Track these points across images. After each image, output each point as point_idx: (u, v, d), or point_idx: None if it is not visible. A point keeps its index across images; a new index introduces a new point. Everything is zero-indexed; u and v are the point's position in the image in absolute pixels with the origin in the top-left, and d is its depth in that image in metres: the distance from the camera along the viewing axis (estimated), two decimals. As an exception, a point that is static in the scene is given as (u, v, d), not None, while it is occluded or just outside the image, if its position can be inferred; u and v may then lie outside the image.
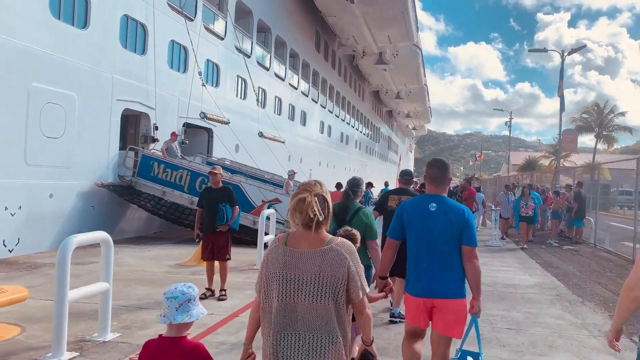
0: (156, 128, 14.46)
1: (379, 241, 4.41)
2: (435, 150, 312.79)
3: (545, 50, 22.55)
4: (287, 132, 24.83)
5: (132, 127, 14.99)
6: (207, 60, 17.55)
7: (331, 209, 2.39)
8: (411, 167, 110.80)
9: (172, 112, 15.45)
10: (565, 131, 26.40)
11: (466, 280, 3.39)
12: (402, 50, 34.81)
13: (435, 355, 3.43)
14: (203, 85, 15.23)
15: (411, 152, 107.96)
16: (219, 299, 6.57)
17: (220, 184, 6.93)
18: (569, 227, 16.14)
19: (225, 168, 15.91)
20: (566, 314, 6.43)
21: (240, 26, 20.08)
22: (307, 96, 29.14)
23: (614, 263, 11.20)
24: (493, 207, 16.15)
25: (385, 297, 3.76)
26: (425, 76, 48.60)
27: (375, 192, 23.48)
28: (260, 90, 22.28)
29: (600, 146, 44.84)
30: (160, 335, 2.37)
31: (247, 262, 9.39)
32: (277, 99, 24.30)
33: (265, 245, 9.38)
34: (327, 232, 2.37)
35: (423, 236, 3.37)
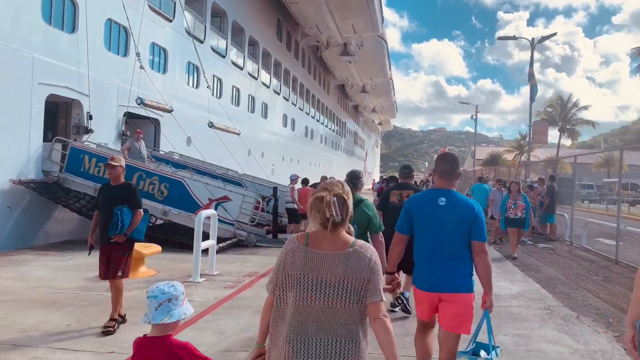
0: (90, 117, 12.74)
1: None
2: (401, 145, 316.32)
3: (514, 37, 21.86)
4: (246, 125, 23.29)
5: (63, 116, 13.22)
6: (153, 43, 15.85)
7: (351, 211, 2.30)
8: (377, 163, 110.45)
9: (111, 100, 13.72)
10: (535, 122, 25.80)
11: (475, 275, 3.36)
12: (367, 42, 33.72)
13: (443, 352, 3.39)
14: (141, 67, 13.53)
15: (377, 147, 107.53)
16: (102, 332, 4.95)
17: (122, 180, 5.35)
18: (542, 224, 15.31)
19: (172, 163, 14.37)
20: (563, 336, 5.27)
21: (192, 9, 18.42)
22: (269, 87, 27.60)
23: (597, 264, 10.25)
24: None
25: (392, 291, 3.75)
26: (390, 70, 47.76)
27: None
28: (216, 79, 20.69)
29: (564, 141, 45.05)
30: (144, 335, 2.31)
31: (182, 272, 7.92)
32: (234, 89, 22.70)
33: (205, 252, 7.96)
34: (356, 233, 2.34)
35: (432, 231, 3.34)
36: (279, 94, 29.43)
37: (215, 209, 11.21)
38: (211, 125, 17.64)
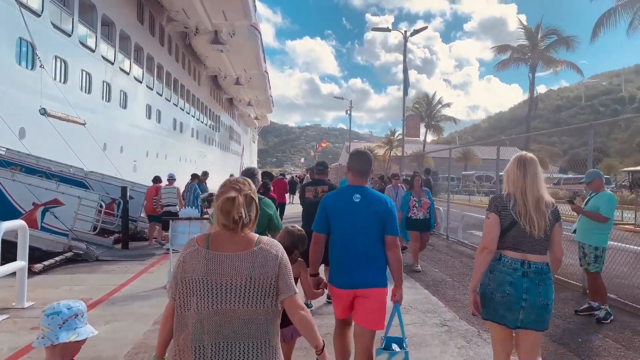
0: None
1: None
2: (278, 141, 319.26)
3: (388, 29, 21.79)
4: (100, 115, 20.38)
5: None
6: (-35, 10, 12.67)
7: (259, 210, 2.21)
8: (255, 158, 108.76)
9: None
10: (408, 117, 26.24)
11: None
12: (240, 31, 31.99)
13: (360, 350, 3.37)
14: None
15: (255, 142, 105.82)
16: None
17: None
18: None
19: (-6, 159, 11.51)
20: (471, 364, 4.33)
21: (23, -27, 15.26)
22: (129, 74, 24.60)
23: (477, 260, 9.90)
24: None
25: (322, 294, 3.57)
26: (265, 62, 46.40)
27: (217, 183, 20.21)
28: (60, 61, 17.60)
29: (429, 136, 47.59)
30: None
31: (-23, 308, 5.74)
32: (85, 73, 19.62)
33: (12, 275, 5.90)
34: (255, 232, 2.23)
35: (348, 227, 3.34)
36: (141, 82, 26.47)
37: (43, 216, 8.95)
38: (44, 112, 14.58)
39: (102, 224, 10.21)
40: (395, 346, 3.42)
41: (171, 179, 11.55)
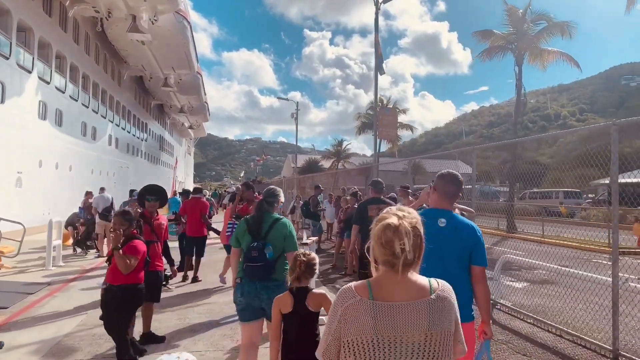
0: None
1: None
2: (218, 154, 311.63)
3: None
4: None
5: None
6: None
7: (423, 249, 1.73)
8: (191, 172, 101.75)
9: None
10: (382, 110, 21.90)
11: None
12: (165, 19, 26.78)
13: None
14: None
15: (190, 155, 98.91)
16: None
17: None
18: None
19: None
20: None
21: None
22: (8, 59, 18.77)
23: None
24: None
25: None
26: (198, 62, 41.16)
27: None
28: None
29: (384, 147, 43.89)
30: None
31: None
32: None
33: None
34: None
35: (432, 254, 2.56)
36: (30, 73, 20.63)
37: None
38: None
39: None
40: None
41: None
